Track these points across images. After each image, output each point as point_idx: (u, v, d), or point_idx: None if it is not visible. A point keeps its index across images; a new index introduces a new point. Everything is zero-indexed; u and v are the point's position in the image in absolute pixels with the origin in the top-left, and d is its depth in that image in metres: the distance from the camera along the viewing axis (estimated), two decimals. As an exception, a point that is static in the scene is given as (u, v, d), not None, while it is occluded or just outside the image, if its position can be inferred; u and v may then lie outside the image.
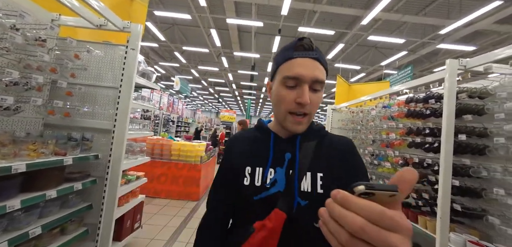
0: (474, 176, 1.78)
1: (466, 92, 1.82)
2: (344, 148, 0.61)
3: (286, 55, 0.55)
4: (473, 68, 1.66)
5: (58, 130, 1.48)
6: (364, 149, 3.39)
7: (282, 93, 0.54)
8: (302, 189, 0.54)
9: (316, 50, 0.54)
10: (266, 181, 0.55)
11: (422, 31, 7.00)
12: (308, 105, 0.53)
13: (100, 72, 1.61)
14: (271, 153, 0.58)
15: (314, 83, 0.53)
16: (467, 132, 1.82)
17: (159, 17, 7.60)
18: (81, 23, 1.46)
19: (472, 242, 1.60)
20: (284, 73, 0.54)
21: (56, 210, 1.42)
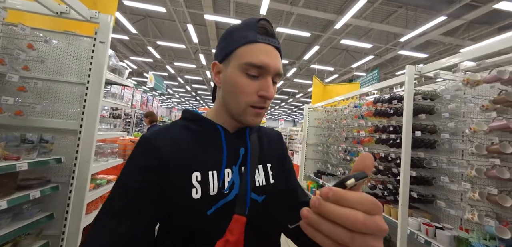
0: (427, 166, 2.08)
1: (420, 95, 2.10)
2: (277, 138, 0.64)
3: (247, 37, 0.46)
4: (425, 74, 1.92)
5: (9, 130, 1.28)
6: (338, 145, 3.66)
7: (242, 82, 0.46)
8: (258, 184, 0.50)
9: (277, 38, 0.49)
10: (225, 185, 0.46)
11: (386, 37, 7.77)
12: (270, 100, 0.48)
13: (62, 66, 1.43)
14: (224, 150, 0.48)
15: (275, 75, 0.48)
16: (421, 129, 2.10)
17: (130, 8, 7.02)
18: (35, 9, 1.28)
19: (425, 224, 1.87)
20: (246, 58, 0.45)
21: (6, 223, 1.24)
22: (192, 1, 6.83)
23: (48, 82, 1.40)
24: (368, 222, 0.21)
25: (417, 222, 1.95)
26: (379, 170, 2.72)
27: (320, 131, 4.50)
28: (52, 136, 1.38)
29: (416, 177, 2.15)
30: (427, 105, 2.18)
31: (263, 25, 0.47)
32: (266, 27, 0.47)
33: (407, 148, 1.94)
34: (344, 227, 0.22)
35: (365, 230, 0.21)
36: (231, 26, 0.50)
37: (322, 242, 0.23)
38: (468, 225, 1.76)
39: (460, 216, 1.79)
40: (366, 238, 0.22)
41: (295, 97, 18.30)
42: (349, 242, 0.21)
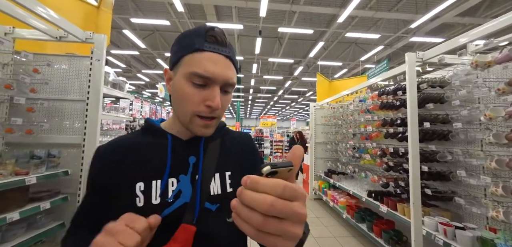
0: (441, 160, 1.91)
1: (426, 82, 1.96)
2: (246, 143, 0.60)
3: (194, 44, 0.44)
4: (429, 60, 1.78)
5: (20, 148, 1.41)
6: (346, 143, 3.52)
7: (188, 91, 0.45)
8: (212, 193, 0.49)
9: (229, 47, 0.47)
10: (168, 194, 0.46)
11: (395, 26, 7.38)
12: (219, 109, 0.46)
13: (65, 86, 1.55)
14: (169, 159, 0.48)
15: (225, 85, 0.46)
16: (431, 120, 1.94)
17: (138, 25, 7.42)
18: (38, 36, 1.40)
19: (442, 223, 1.71)
20: (191, 67, 0.44)
21: (21, 232, 1.35)
22: (196, 12, 7.05)
23: (54, 101, 1.53)
24: (278, 205, 0.21)
25: (433, 221, 1.79)
26: (390, 166, 2.57)
27: (328, 129, 4.36)
28: (59, 151, 1.49)
29: (430, 172, 1.99)
30: (436, 93, 2.02)
31: (212, 33, 0.45)
32: (216, 36, 0.45)
33: (414, 141, 1.81)
34: (258, 211, 0.22)
35: (276, 213, 0.22)
36: (183, 32, 0.49)
37: (246, 230, 0.23)
38: (495, 224, 1.58)
39: (484, 214, 1.60)
40: (281, 223, 0.22)
41: (305, 96, 18.00)
42: (262, 226, 0.22)
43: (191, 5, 6.59)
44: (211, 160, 0.51)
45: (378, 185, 2.81)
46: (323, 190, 4.15)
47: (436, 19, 6.39)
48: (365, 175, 3.08)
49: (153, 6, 6.73)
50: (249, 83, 14.55)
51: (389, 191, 2.67)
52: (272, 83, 15.49)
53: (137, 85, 15.38)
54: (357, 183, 3.41)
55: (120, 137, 0.53)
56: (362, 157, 3.08)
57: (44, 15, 1.09)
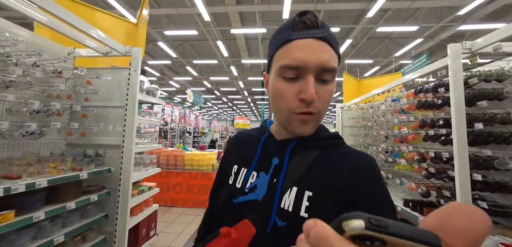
0: (501, 168, 1.61)
1: (478, 77, 1.67)
2: (359, 168, 0.42)
3: (283, 37, 0.41)
4: (480, 50, 1.53)
5: (77, 148, 1.68)
6: (378, 146, 3.23)
7: (280, 87, 0.42)
8: (282, 206, 0.42)
9: (323, 27, 0.40)
10: (247, 184, 0.48)
11: (438, 15, 6.51)
12: (316, 102, 0.40)
13: (109, 94, 1.80)
14: (258, 153, 0.50)
15: (321, 72, 0.40)
16: (485, 120, 1.66)
17: (170, 36, 8.12)
18: (91, 53, 1.67)
19: (505, 245, 1.43)
20: (281, 61, 0.41)
21: (77, 219, 1.60)
22: (221, 19, 7.39)
23: (101, 108, 1.78)
24: None
25: (493, 241, 1.51)
26: (431, 173, 2.26)
27: (356, 131, 4.07)
28: (104, 151, 1.73)
29: (487, 182, 1.69)
30: (492, 89, 1.71)
31: (301, 19, 0.40)
32: (304, 20, 0.40)
33: (461, 144, 1.56)
34: None
35: None
36: (276, 30, 0.45)
37: None
38: None
39: None
40: None
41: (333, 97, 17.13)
42: None
43: (217, 14, 6.93)
44: (294, 169, 0.44)
45: (416, 194, 2.50)
46: (352, 197, 3.88)
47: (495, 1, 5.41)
48: (401, 182, 2.77)
49: (183, 18, 7.29)
50: (273, 86, 14.50)
51: (431, 201, 2.35)
52: (297, 85, 15.14)
53: (169, 92, 16.78)
54: (391, 191, 3.09)
55: (244, 130, 0.64)
56: (396, 161, 2.78)
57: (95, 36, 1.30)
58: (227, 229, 0.43)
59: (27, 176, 1.23)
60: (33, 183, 1.20)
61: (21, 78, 1.20)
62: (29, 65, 1.24)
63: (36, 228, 1.32)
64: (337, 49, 0.42)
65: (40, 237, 1.33)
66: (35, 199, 1.30)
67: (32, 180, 1.22)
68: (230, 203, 0.48)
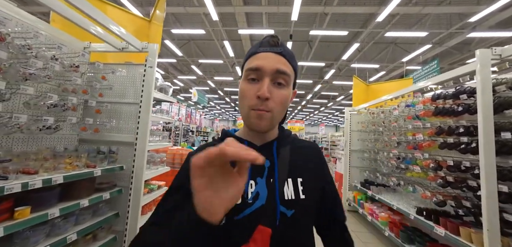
0: (526, 179, 1.56)
1: (505, 84, 1.63)
2: (314, 151, 0.62)
3: (252, 51, 0.53)
4: (510, 57, 1.49)
5: (89, 144, 1.65)
6: (388, 152, 3.18)
7: (244, 87, 0.51)
8: (286, 197, 0.50)
9: (282, 46, 0.52)
10: (248, 195, 0.49)
11: (447, 21, 6.47)
12: (270, 101, 0.48)
13: (123, 90, 1.78)
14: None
15: (276, 75, 0.49)
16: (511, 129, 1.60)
17: (177, 34, 8.13)
18: (107, 48, 1.64)
19: None
20: (247, 66, 0.52)
21: (89, 217, 1.57)
22: (228, 19, 7.38)
23: (114, 104, 1.76)
24: None
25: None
26: (448, 181, 2.20)
27: (365, 136, 4.03)
28: (117, 148, 1.70)
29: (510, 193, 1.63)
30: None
31: (266, 40, 0.53)
32: (268, 40, 0.52)
33: (488, 154, 1.51)
34: None
35: None
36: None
37: None
38: None
39: None
40: None
41: (335, 100, 17.09)
42: None
43: (224, 14, 6.93)
44: (283, 165, 0.53)
45: (429, 202, 2.45)
46: (359, 202, 3.82)
47: (506, 10, 5.36)
48: (413, 189, 2.72)
49: (190, 17, 7.29)
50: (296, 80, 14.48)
51: (446, 211, 2.29)
52: (301, 87, 15.14)
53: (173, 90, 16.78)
54: (402, 198, 3.04)
55: (205, 143, 0.61)
56: (409, 168, 2.73)
57: (116, 32, 1.27)
58: (245, 245, 0.44)
59: (43, 171, 1.20)
60: (49, 178, 1.17)
61: (40, 71, 1.17)
62: (48, 58, 1.22)
63: (49, 225, 1.29)
64: (292, 62, 0.53)
65: (54, 234, 1.30)
66: (51, 195, 1.27)
67: (48, 175, 1.19)
68: (233, 222, 0.47)
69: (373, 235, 3.17)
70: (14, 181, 1.03)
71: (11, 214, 1.08)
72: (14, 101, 1.32)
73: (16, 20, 1.19)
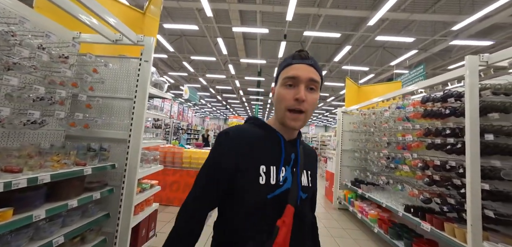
0: (506, 178, 1.67)
1: (489, 89, 1.73)
2: (314, 154, 0.78)
3: (287, 62, 0.65)
4: (495, 64, 1.58)
5: (78, 141, 1.55)
6: (379, 151, 3.29)
7: (283, 92, 0.62)
8: (303, 184, 0.66)
9: (312, 59, 0.64)
10: (280, 178, 0.61)
11: (432, 28, 6.81)
12: (305, 103, 0.60)
13: (116, 85, 1.68)
14: (283, 152, 0.64)
15: (309, 82, 0.61)
16: (494, 131, 1.71)
17: (168, 29, 7.88)
18: (99, 39, 1.54)
19: None
20: (284, 75, 0.63)
21: (77, 219, 1.47)
22: (221, 16, 7.28)
23: (106, 99, 1.66)
24: None
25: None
26: (434, 180, 2.32)
27: (357, 136, 4.14)
28: (109, 145, 1.61)
29: (491, 191, 1.75)
30: (500, 102, 1.78)
31: (299, 53, 0.64)
32: (300, 54, 0.64)
33: (474, 155, 1.61)
34: None
35: None
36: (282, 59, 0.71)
37: None
38: None
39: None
40: None
41: (326, 101, 17.46)
42: None
43: (218, 10, 6.82)
44: (302, 159, 0.67)
45: (416, 200, 2.57)
46: (349, 200, 3.93)
47: (485, 20, 5.74)
48: (402, 187, 2.84)
49: (182, 12, 7.10)
50: (269, 87, 14.55)
51: (431, 208, 2.42)
52: (292, 88, 15.28)
53: (162, 87, 16.29)
54: (390, 196, 3.16)
55: (238, 126, 0.67)
56: (398, 168, 2.84)
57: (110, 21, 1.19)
58: (281, 219, 0.56)
59: (28, 169, 1.11)
60: (35, 177, 1.08)
61: (25, 61, 1.08)
62: (35, 47, 1.12)
63: (33, 228, 1.19)
64: (320, 72, 0.65)
65: (38, 238, 1.21)
66: (36, 196, 1.17)
67: (34, 174, 1.10)
68: (265, 200, 0.58)
69: (362, 232, 3.27)
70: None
71: (-9, 216, 0.98)
72: (-6, 92, 1.20)
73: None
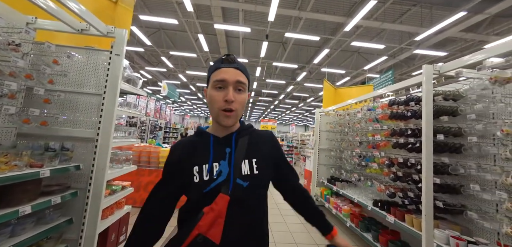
0: (453, 173, 1.91)
1: (441, 95, 1.97)
2: (268, 138, 0.80)
3: (215, 66, 0.70)
4: (446, 73, 1.80)
5: (34, 139, 1.38)
6: (352, 150, 3.52)
7: (213, 94, 0.68)
8: (243, 173, 0.68)
9: (237, 63, 0.71)
10: (213, 173, 0.67)
11: (399, 37, 7.49)
12: (234, 102, 0.66)
13: (82, 79, 1.53)
14: (211, 151, 0.71)
15: (237, 84, 0.68)
16: (444, 132, 1.95)
17: (145, 22, 7.42)
18: (60, 27, 1.38)
19: (454, 237, 1.70)
20: (214, 78, 0.68)
21: (31, 227, 1.31)
22: (203, 12, 7.07)
23: (70, 94, 1.50)
24: None
25: (444, 234, 1.78)
26: (398, 176, 2.56)
27: (333, 136, 4.36)
28: (72, 144, 1.46)
29: (441, 185, 1.99)
30: (449, 106, 2.03)
31: (226, 58, 0.70)
32: (227, 59, 0.70)
33: (428, 153, 1.81)
34: None
35: None
36: (211, 64, 0.75)
37: None
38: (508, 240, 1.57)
39: (497, 230, 1.59)
40: None
41: (306, 101, 18.09)
42: None
43: (199, 6, 6.61)
44: (240, 150, 0.71)
45: (383, 195, 2.81)
46: (325, 197, 4.13)
47: (440, 33, 6.50)
48: (371, 184, 3.07)
49: (160, 4, 6.74)
50: (251, 86, 14.57)
51: (395, 201, 2.67)
52: (274, 87, 15.54)
53: (138, 82, 15.28)
54: (361, 192, 3.40)
55: (183, 138, 0.79)
56: (369, 165, 3.07)
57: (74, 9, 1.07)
58: (209, 206, 0.62)
59: (-33, 172, 0.95)
60: (-24, 182, 0.94)
61: (-36, 47, 0.92)
62: (-24, 31, 0.96)
63: (-27, 239, 1.03)
64: (246, 73, 0.72)
65: (-21, 251, 1.05)
66: (-23, 203, 1.01)
67: (-26, 178, 0.95)
68: (202, 194, 0.65)
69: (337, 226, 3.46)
70: None
71: None
72: None
73: None
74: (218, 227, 0.60)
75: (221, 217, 0.61)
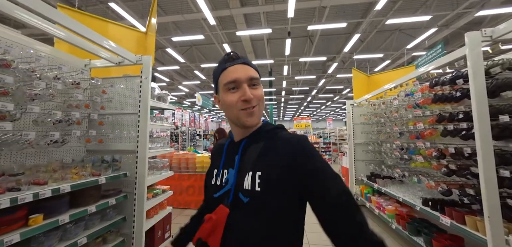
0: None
1: (501, 65, 1.57)
2: (290, 147, 0.58)
3: (221, 68, 0.64)
4: (502, 37, 1.44)
5: (95, 154, 1.77)
6: (392, 143, 3.12)
7: (228, 98, 0.61)
8: (245, 187, 0.58)
9: (242, 58, 0.65)
10: (223, 180, 0.64)
11: (453, 1, 6.20)
12: (253, 99, 0.60)
13: (123, 102, 1.89)
14: (223, 157, 0.69)
15: (250, 80, 0.61)
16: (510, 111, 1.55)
17: (178, 42, 8.33)
18: (105, 64, 1.75)
19: None
20: (224, 81, 0.62)
21: (98, 222, 1.69)
22: (227, 22, 7.48)
23: (116, 115, 1.87)
24: None
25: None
26: (451, 169, 2.14)
27: (369, 128, 3.96)
28: (120, 156, 1.81)
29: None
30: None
31: (228, 56, 0.64)
32: (230, 56, 0.64)
33: (485, 138, 1.47)
34: None
35: None
36: (214, 68, 0.69)
37: None
38: None
39: None
40: None
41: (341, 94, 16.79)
42: None
43: (222, 18, 7.03)
44: (247, 159, 0.62)
45: (436, 192, 2.38)
46: (366, 196, 3.77)
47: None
48: (418, 180, 2.66)
49: (189, 24, 7.46)
50: (280, 85, 14.46)
51: (453, 200, 2.23)
52: (305, 83, 15.01)
53: (179, 96, 17.19)
54: (408, 189, 2.97)
55: (218, 141, 0.80)
56: (413, 159, 2.67)
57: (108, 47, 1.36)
58: (209, 215, 0.59)
59: (52, 181, 1.31)
60: (58, 188, 1.28)
61: (45, 91, 1.29)
62: (51, 78, 1.33)
63: (61, 230, 1.41)
64: (254, 67, 0.65)
65: (66, 238, 1.42)
66: (60, 203, 1.38)
67: (57, 185, 1.30)
68: (212, 198, 0.64)
69: (380, 229, 3.13)
70: (26, 192, 1.14)
71: (26, 221, 1.20)
72: (25, 120, 1.45)
73: (20, 46, 1.32)
74: (217, 235, 0.57)
75: (220, 227, 0.57)
